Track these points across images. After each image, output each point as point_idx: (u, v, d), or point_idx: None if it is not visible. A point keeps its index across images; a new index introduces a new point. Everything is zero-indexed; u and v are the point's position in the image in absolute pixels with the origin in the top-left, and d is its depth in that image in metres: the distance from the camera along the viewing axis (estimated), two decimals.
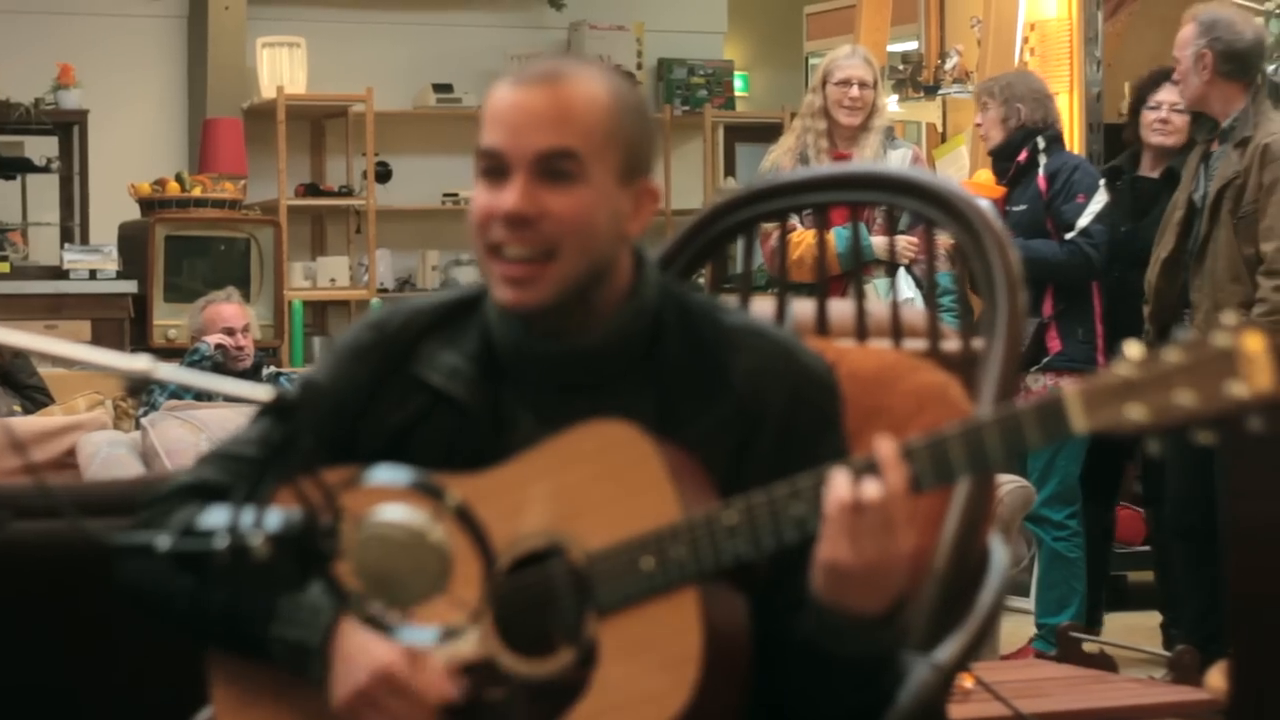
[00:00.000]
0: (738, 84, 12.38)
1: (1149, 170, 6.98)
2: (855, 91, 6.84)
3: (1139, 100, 7.00)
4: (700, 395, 2.28)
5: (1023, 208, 6.85)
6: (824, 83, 6.92)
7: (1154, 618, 7.01)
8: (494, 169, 2.27)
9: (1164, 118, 6.93)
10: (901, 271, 6.62)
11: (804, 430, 2.28)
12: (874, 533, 2.10)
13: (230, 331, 7.54)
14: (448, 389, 2.32)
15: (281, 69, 10.70)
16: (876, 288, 6.22)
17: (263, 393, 2.32)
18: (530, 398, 2.31)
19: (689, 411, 2.27)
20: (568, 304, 2.28)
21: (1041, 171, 6.90)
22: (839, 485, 2.12)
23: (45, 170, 10.30)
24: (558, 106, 2.25)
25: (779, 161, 6.91)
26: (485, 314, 2.35)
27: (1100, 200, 6.83)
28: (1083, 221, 6.77)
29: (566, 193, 2.25)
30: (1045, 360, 6.78)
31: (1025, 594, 7.13)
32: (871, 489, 2.10)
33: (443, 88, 11.06)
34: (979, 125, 7.18)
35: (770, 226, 2.74)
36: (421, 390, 2.34)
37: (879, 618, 2.17)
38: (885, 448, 2.13)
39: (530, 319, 2.30)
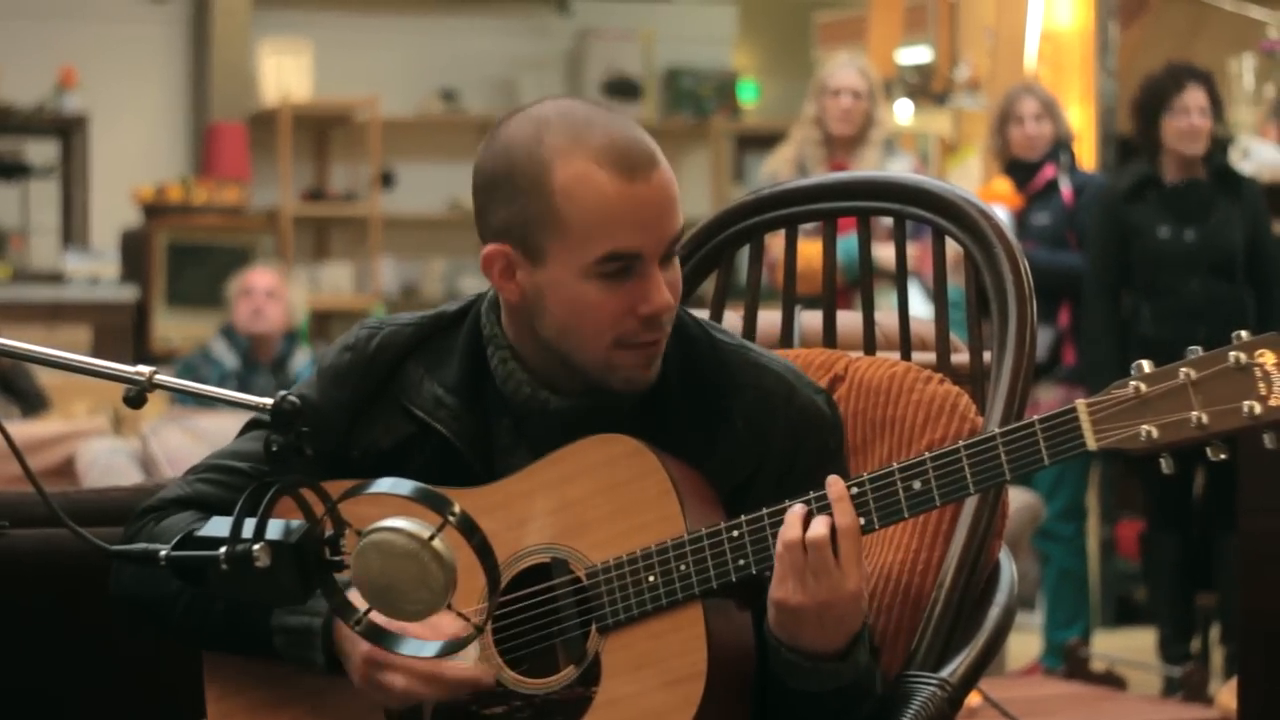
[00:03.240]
0: (746, 93, 12.36)
1: (1175, 176, 6.44)
2: (846, 102, 6.81)
3: (1158, 103, 6.42)
4: (702, 437, 2.26)
5: (1046, 220, 6.82)
6: (819, 92, 6.90)
7: None
8: (622, 269, 2.18)
9: (1194, 125, 6.36)
10: (916, 288, 6.58)
11: (804, 467, 2.26)
12: (822, 571, 2.10)
13: (249, 293, 7.42)
14: (432, 423, 2.29)
15: (286, 74, 10.68)
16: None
17: (262, 402, 2.28)
18: (527, 433, 2.28)
19: (691, 455, 2.24)
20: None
21: (1067, 185, 6.87)
22: (789, 524, 2.11)
23: (46, 175, 10.29)
24: (672, 187, 2.19)
25: (777, 171, 6.89)
26: (466, 342, 2.30)
27: None
28: None
29: (673, 266, 2.22)
30: (1058, 371, 6.77)
31: (1033, 609, 7.12)
32: (820, 527, 2.10)
33: (449, 94, 11.04)
34: (1030, 135, 6.92)
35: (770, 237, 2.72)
36: (409, 417, 2.30)
37: (833, 654, 2.16)
38: (835, 486, 2.12)
39: (539, 373, 2.26)
